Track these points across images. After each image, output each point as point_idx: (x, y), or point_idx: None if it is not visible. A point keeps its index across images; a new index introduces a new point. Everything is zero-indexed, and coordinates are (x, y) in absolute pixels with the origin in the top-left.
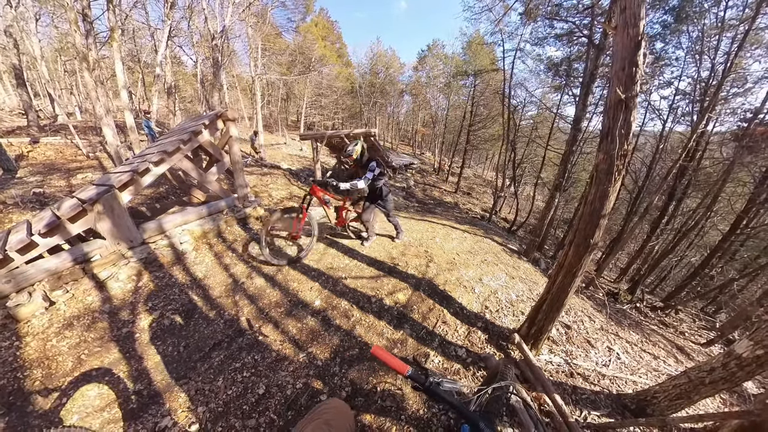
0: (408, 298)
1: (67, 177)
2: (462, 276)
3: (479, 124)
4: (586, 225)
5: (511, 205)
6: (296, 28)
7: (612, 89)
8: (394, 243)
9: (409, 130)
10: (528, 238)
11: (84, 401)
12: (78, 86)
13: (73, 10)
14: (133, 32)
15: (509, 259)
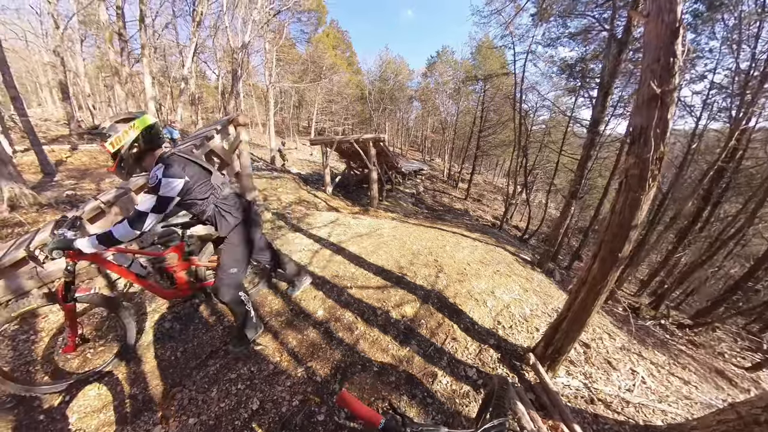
0: (416, 311)
1: (98, 181)
2: (473, 288)
3: (489, 130)
4: (614, 237)
5: (523, 212)
6: (309, 39)
7: (644, 84)
8: (402, 251)
9: (418, 136)
10: (541, 247)
11: (85, 401)
12: (113, 98)
13: (108, 29)
14: (164, 50)
15: (522, 270)
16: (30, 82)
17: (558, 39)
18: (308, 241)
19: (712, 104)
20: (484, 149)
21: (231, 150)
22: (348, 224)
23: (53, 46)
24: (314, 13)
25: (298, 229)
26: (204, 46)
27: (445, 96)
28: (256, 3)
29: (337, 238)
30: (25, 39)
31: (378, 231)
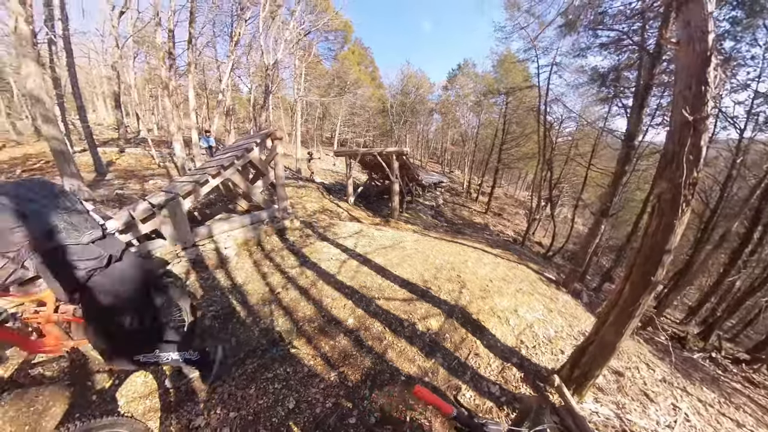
0: (440, 325)
1: (142, 181)
2: (496, 305)
3: (512, 143)
4: (646, 260)
5: (547, 228)
6: (335, 56)
7: (676, 110)
8: (426, 265)
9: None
10: (567, 266)
11: (132, 387)
12: (158, 108)
13: (162, 49)
14: (203, 66)
15: (546, 289)
16: (88, 92)
17: (588, 49)
18: (335, 251)
19: (757, 115)
20: (505, 162)
21: (267, 161)
22: (372, 236)
23: (111, 62)
24: (341, 33)
25: (325, 238)
26: (239, 62)
27: (465, 108)
28: (288, 24)
29: (362, 249)
30: (89, 56)
31: (401, 243)
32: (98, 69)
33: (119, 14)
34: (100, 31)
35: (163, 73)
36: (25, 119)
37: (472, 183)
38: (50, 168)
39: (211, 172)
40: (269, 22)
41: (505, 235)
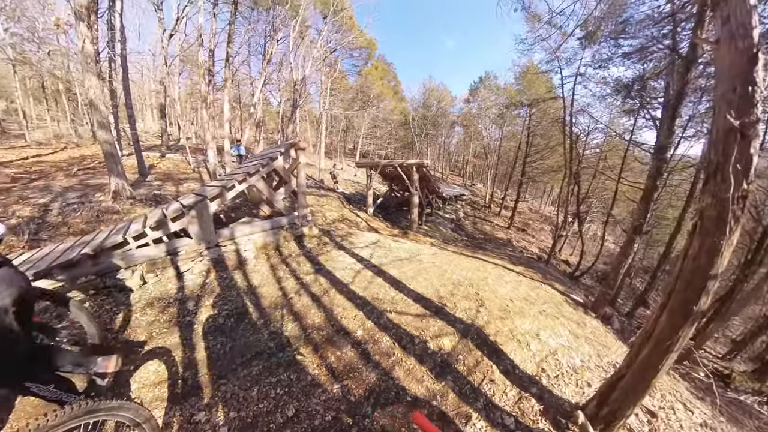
0: (454, 345)
1: (177, 184)
2: (516, 328)
3: (536, 155)
4: (687, 286)
5: (575, 245)
6: (359, 71)
7: (719, 116)
8: (442, 280)
9: (459, 161)
10: (596, 287)
11: (145, 374)
12: (197, 119)
13: (203, 67)
14: (239, 82)
15: (573, 312)
16: (138, 103)
17: (610, 59)
18: (351, 260)
19: None
20: (530, 175)
21: (290, 170)
22: (389, 247)
23: (160, 78)
24: (365, 50)
25: (341, 247)
26: (270, 78)
27: (488, 121)
28: (316, 43)
29: (378, 260)
30: (141, 72)
31: (418, 256)
32: (148, 84)
33: (169, 36)
34: (152, 51)
35: (203, 87)
36: (85, 125)
37: (494, 196)
38: (101, 168)
39: (237, 178)
40: (299, 41)
41: (529, 251)
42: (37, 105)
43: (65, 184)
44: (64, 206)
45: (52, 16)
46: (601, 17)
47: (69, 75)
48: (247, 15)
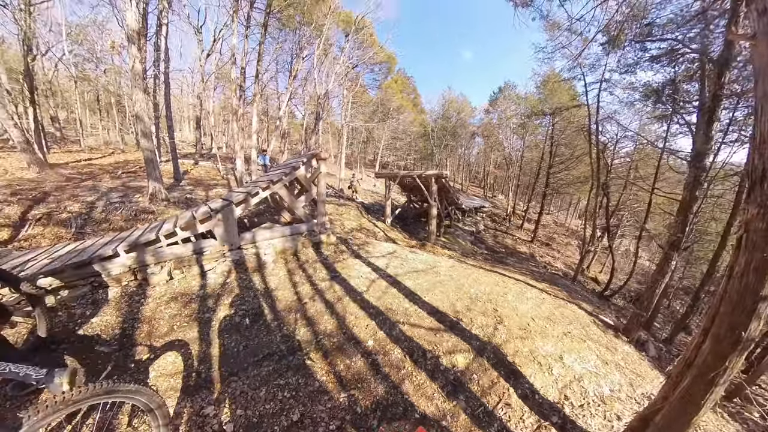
0: (468, 363)
1: (207, 189)
2: (537, 349)
3: (560, 165)
4: (734, 309)
5: (604, 262)
6: (380, 85)
7: (761, 116)
8: (459, 294)
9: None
10: (629, 309)
11: (163, 364)
12: (228, 130)
13: (235, 83)
14: (267, 96)
15: (602, 335)
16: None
17: (636, 64)
18: (366, 270)
19: None
20: (554, 186)
21: (311, 179)
22: (405, 258)
23: (197, 93)
24: (385, 64)
25: (358, 255)
26: (296, 93)
27: (509, 131)
28: (338, 59)
29: (393, 270)
30: (181, 88)
31: (434, 268)
32: (186, 98)
33: (206, 56)
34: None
35: (234, 102)
36: (130, 133)
37: (516, 209)
38: (141, 172)
39: (261, 185)
40: (323, 58)
41: (554, 267)
42: (92, 115)
43: (110, 185)
44: (108, 205)
45: (108, 40)
46: (623, 21)
47: (120, 90)
48: (276, 35)
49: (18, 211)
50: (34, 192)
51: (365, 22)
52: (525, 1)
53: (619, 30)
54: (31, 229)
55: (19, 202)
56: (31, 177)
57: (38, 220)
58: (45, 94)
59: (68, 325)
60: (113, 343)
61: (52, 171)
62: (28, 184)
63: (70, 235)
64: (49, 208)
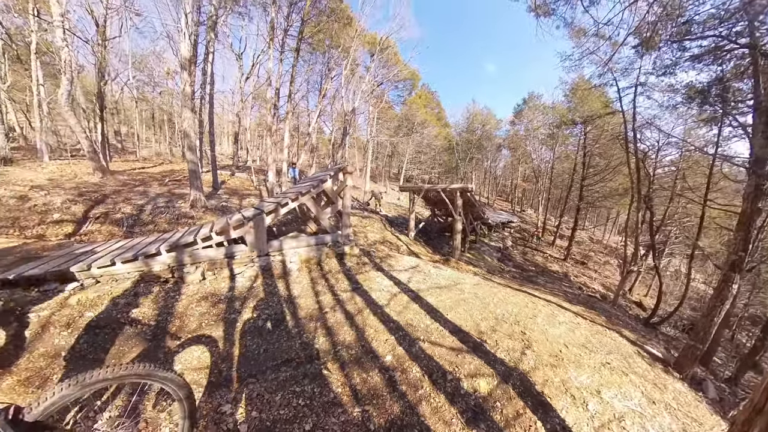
0: (491, 389)
1: (241, 198)
2: (570, 379)
3: (595, 177)
4: None
5: (650, 284)
6: (404, 101)
7: None
8: (484, 313)
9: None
10: (682, 339)
11: (189, 357)
12: (262, 144)
13: (270, 102)
14: (298, 114)
15: (648, 369)
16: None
17: (675, 65)
18: (388, 283)
19: None
20: (589, 200)
21: (337, 192)
22: (428, 273)
23: (236, 111)
24: (409, 81)
25: (380, 268)
26: (325, 110)
27: (537, 142)
28: (364, 78)
29: (415, 285)
30: (222, 107)
31: (458, 285)
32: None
33: (245, 79)
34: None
35: (268, 119)
36: (178, 147)
37: (547, 224)
38: (185, 180)
39: (291, 196)
40: (349, 77)
41: (590, 288)
42: (147, 130)
43: (157, 191)
44: (154, 208)
45: (164, 67)
46: (656, 21)
47: (171, 109)
48: (307, 58)
49: (82, 209)
50: (95, 194)
51: (389, 42)
52: (547, 10)
53: (652, 31)
54: (91, 225)
55: (83, 202)
56: (94, 181)
57: (97, 219)
58: (111, 112)
59: (112, 313)
60: (148, 333)
61: (112, 177)
62: (91, 187)
63: (121, 233)
64: (106, 209)
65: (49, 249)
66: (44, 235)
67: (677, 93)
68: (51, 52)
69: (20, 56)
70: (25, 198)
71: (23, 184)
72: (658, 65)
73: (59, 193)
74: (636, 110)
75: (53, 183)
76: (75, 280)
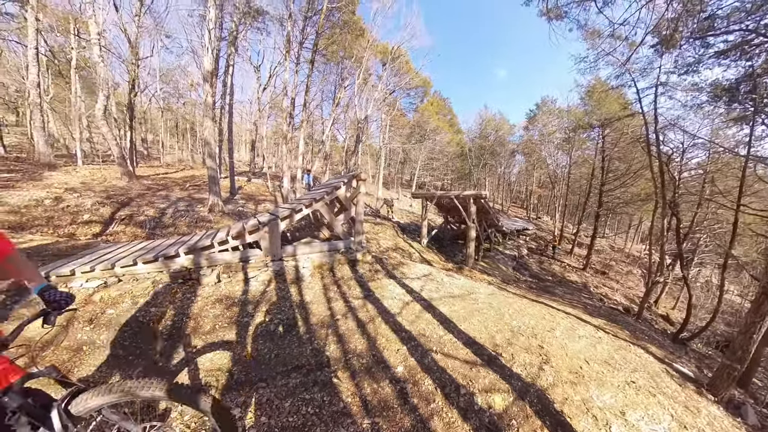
0: (507, 406)
1: (257, 204)
2: (592, 398)
3: (615, 182)
4: None
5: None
6: (416, 108)
7: None
8: (499, 325)
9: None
10: (716, 358)
11: (202, 359)
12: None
13: (286, 111)
14: (312, 122)
15: (678, 390)
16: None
17: (699, 62)
18: (400, 291)
19: None
20: (608, 206)
21: (350, 198)
22: (441, 281)
23: (253, 120)
24: (421, 89)
25: (392, 276)
26: (338, 118)
27: (552, 147)
28: (377, 87)
29: (428, 294)
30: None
31: (472, 295)
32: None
33: (263, 89)
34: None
35: (284, 127)
36: (198, 154)
37: (564, 231)
38: (204, 186)
39: (305, 202)
40: (362, 86)
41: (612, 300)
42: (171, 138)
43: (179, 195)
44: (175, 212)
45: (188, 80)
46: (676, 18)
47: (194, 118)
48: (321, 69)
49: (109, 211)
50: (122, 197)
51: (401, 51)
52: (559, 13)
53: (672, 29)
54: (116, 226)
55: (110, 204)
56: (122, 185)
57: (122, 220)
58: (140, 121)
59: (131, 311)
60: (164, 332)
61: (138, 181)
62: (119, 191)
63: (144, 234)
64: (131, 211)
65: (78, 247)
66: (75, 234)
67: (702, 92)
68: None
69: (61, 71)
70: (60, 199)
71: (59, 186)
72: (680, 63)
73: (90, 195)
74: (657, 111)
75: (85, 186)
76: (99, 278)
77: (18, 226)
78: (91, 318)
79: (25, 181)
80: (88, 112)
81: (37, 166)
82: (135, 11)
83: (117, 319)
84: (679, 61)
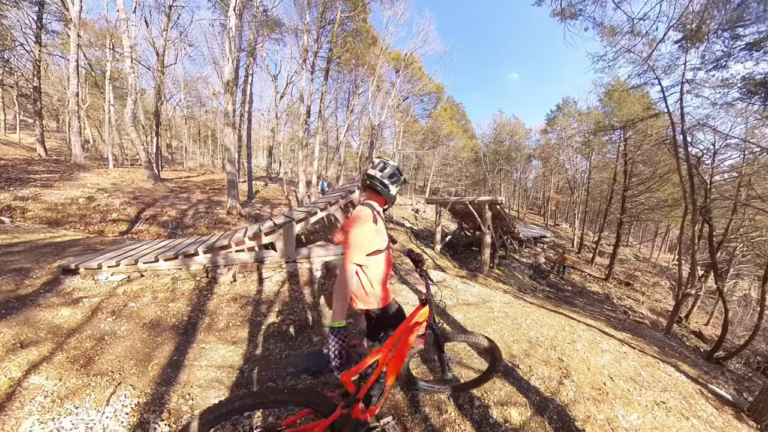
0: (524, 421)
1: (273, 207)
2: (617, 418)
3: (639, 187)
4: None
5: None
6: (429, 114)
7: None
8: (516, 335)
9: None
10: (757, 380)
11: (215, 355)
12: (293, 158)
13: (302, 118)
14: (327, 129)
15: (714, 413)
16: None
17: (728, 56)
18: (413, 297)
19: None
20: (632, 212)
21: None
22: (455, 288)
23: (271, 127)
24: (434, 94)
25: (404, 281)
26: (352, 125)
27: (571, 151)
28: (390, 93)
29: (442, 300)
30: (259, 123)
31: (487, 303)
32: (262, 131)
33: (280, 97)
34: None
35: (300, 134)
36: (219, 159)
37: (584, 239)
38: (223, 189)
39: (320, 206)
40: (376, 93)
41: (637, 313)
42: (194, 144)
43: (199, 197)
44: (195, 213)
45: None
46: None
47: (215, 125)
48: (335, 77)
49: (135, 211)
50: (147, 198)
51: (414, 58)
52: (572, 12)
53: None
54: (141, 225)
55: (137, 204)
56: (148, 187)
57: (146, 220)
58: (165, 128)
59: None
60: (180, 327)
61: (162, 184)
62: (145, 192)
63: (166, 233)
64: (155, 212)
65: (105, 243)
66: (103, 231)
67: (732, 88)
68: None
69: (97, 82)
70: (92, 199)
71: (92, 186)
72: (707, 59)
73: (118, 196)
74: (684, 110)
75: (115, 187)
76: (124, 272)
77: (55, 222)
78: (113, 310)
79: (62, 181)
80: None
81: (73, 167)
82: (163, 26)
83: (138, 312)
84: (706, 56)
